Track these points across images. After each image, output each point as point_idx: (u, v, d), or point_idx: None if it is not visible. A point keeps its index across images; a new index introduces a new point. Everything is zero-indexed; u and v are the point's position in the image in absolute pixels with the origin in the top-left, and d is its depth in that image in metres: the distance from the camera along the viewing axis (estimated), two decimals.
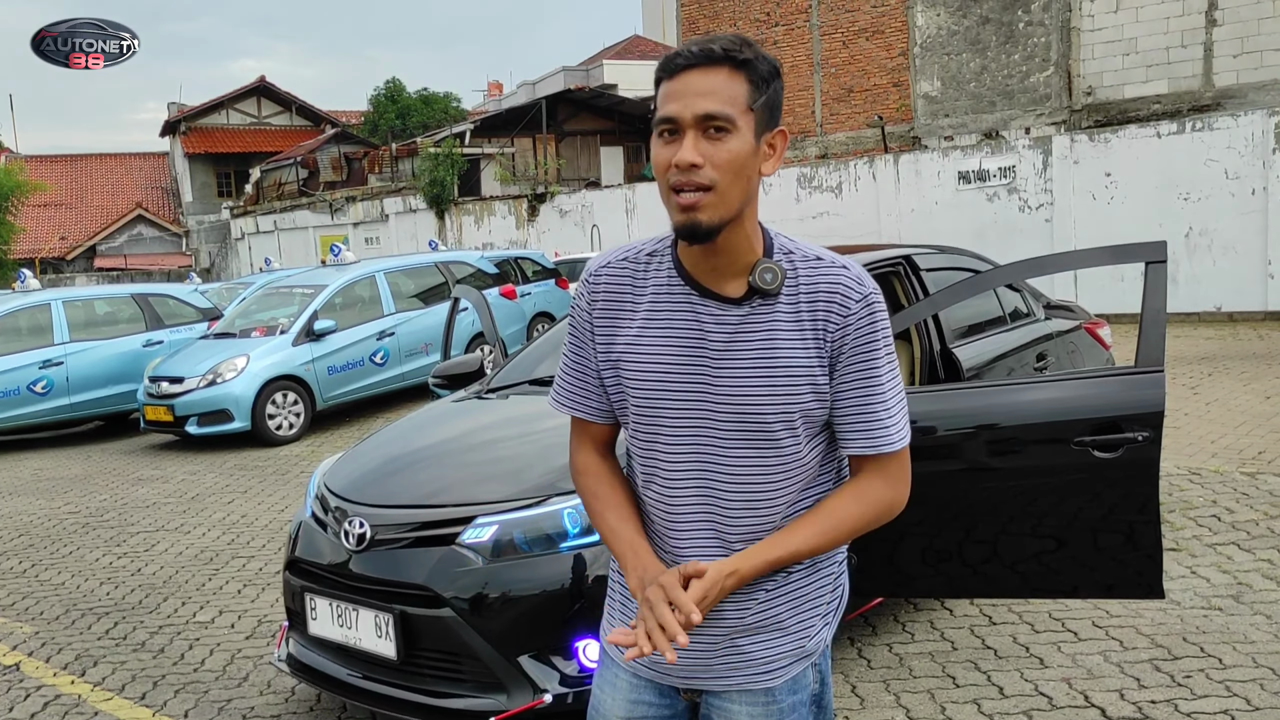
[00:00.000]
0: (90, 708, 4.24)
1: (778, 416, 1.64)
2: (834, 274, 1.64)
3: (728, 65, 1.55)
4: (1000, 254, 6.40)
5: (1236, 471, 6.35)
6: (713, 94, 1.54)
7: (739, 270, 1.64)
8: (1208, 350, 11.48)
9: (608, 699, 1.85)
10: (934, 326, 4.45)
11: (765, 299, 1.63)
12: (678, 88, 1.56)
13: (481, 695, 3.28)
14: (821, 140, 21.43)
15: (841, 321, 1.62)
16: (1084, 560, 3.21)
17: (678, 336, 1.67)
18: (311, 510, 3.87)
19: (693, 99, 1.54)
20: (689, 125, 1.55)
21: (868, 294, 1.64)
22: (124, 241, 40.38)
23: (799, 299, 1.64)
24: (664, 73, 1.59)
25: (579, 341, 1.80)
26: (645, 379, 1.69)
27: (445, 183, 26.25)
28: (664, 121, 1.57)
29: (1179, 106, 16.61)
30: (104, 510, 7.95)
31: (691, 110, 1.54)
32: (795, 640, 1.73)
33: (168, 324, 12.56)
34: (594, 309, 1.76)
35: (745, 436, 1.65)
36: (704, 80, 1.55)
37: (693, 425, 1.67)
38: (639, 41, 42.63)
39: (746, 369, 1.63)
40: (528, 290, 13.79)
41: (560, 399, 1.86)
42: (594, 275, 1.77)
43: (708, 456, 1.68)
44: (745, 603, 1.71)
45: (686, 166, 1.54)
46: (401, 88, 45.21)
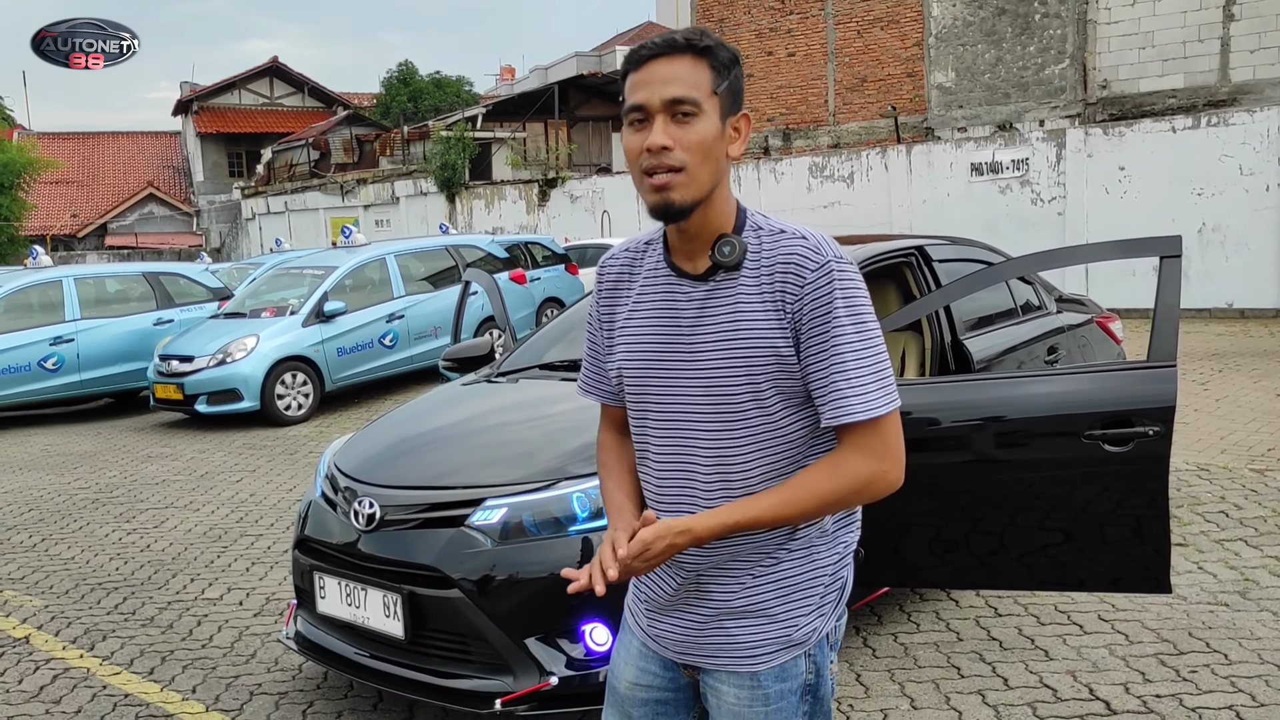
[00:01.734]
0: (99, 681, 4.27)
1: (743, 388, 1.67)
2: (791, 244, 1.67)
3: (690, 53, 1.63)
4: (1012, 247, 6.37)
5: (1245, 468, 6.34)
6: (678, 80, 1.62)
7: (709, 249, 1.71)
8: (1219, 346, 11.45)
9: (620, 663, 1.92)
10: (945, 318, 4.44)
11: (728, 273, 1.69)
12: (644, 77, 1.63)
13: (488, 676, 3.30)
14: (834, 130, 21.36)
15: (798, 291, 1.65)
16: (1091, 554, 3.21)
17: (658, 316, 1.75)
18: (321, 490, 3.89)
19: (659, 86, 1.62)
20: (657, 110, 1.62)
21: (825, 261, 1.65)
22: (135, 220, 40.46)
23: (760, 272, 1.68)
24: (630, 65, 1.66)
25: (592, 330, 1.92)
26: (632, 358, 1.78)
27: (456, 166, 26.23)
28: (634, 109, 1.64)
29: (1194, 101, 16.51)
30: (114, 486, 7.99)
31: (659, 96, 1.61)
32: (782, 628, 1.74)
33: (178, 303, 12.60)
34: (600, 296, 1.87)
35: (714, 409, 1.70)
36: (669, 68, 1.62)
37: (672, 400, 1.74)
38: (652, 28, 42.48)
39: (711, 343, 1.69)
40: (537, 275, 13.79)
41: (582, 385, 1.98)
42: (603, 267, 1.88)
43: (685, 431, 1.73)
44: (731, 585, 1.74)
45: (658, 149, 1.61)
46: (414, 71, 45.17)
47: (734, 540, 1.72)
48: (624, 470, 1.90)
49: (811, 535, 1.75)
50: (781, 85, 21.97)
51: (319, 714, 3.85)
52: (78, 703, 4.08)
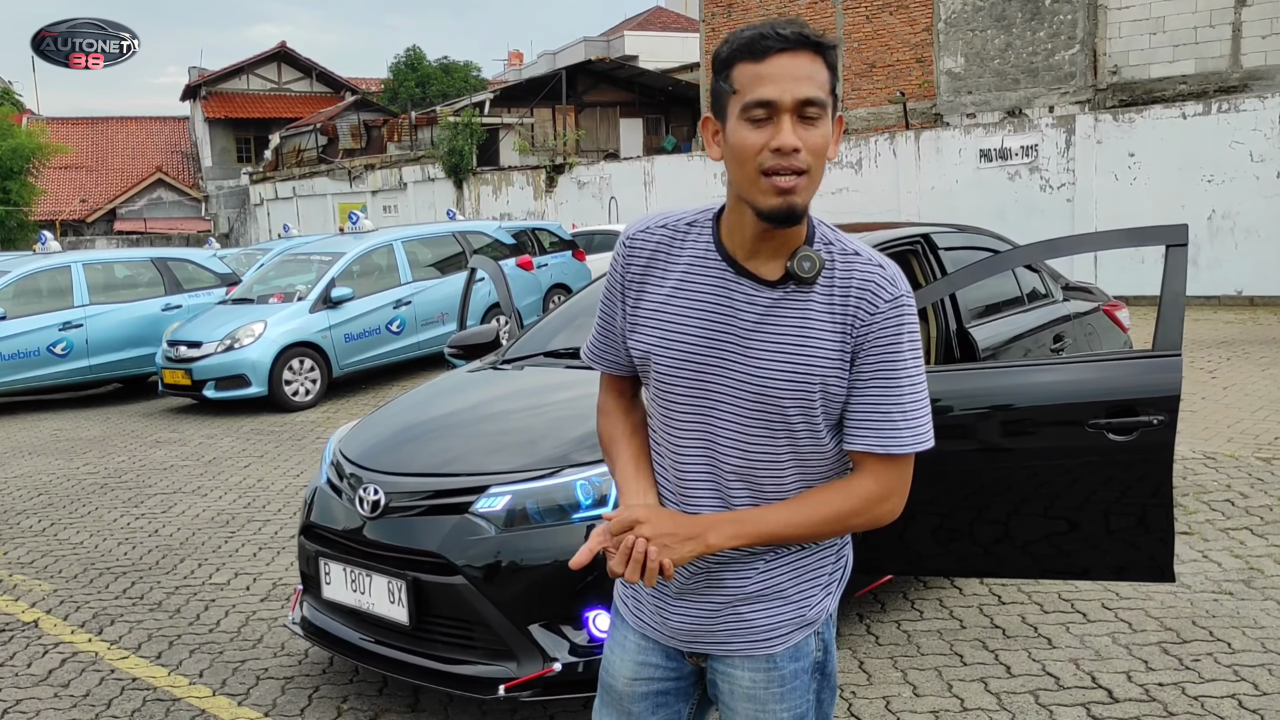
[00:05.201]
0: (107, 665, 4.31)
1: (796, 400, 1.65)
2: (869, 270, 1.66)
3: (811, 50, 1.57)
4: (1020, 234, 6.36)
5: (1252, 457, 6.33)
6: (809, 79, 1.56)
7: (782, 254, 1.66)
8: (1227, 334, 11.40)
9: (617, 660, 1.90)
10: (951, 306, 4.43)
11: (800, 286, 1.65)
12: (771, 70, 1.55)
13: (492, 663, 3.31)
14: (842, 115, 21.28)
15: (869, 319, 1.63)
16: (1095, 542, 3.21)
17: (706, 309, 1.69)
18: (327, 476, 3.90)
19: (790, 83, 1.55)
20: (788, 109, 1.55)
21: (899, 295, 1.65)
22: (144, 205, 40.53)
23: (833, 291, 1.65)
24: (748, 55, 1.57)
25: (610, 300, 1.84)
26: (667, 344, 1.72)
27: (464, 152, 26.21)
28: (760, 105, 1.56)
29: (1205, 87, 16.40)
30: (122, 471, 8.03)
31: (792, 94, 1.55)
32: (796, 608, 1.76)
33: (186, 288, 12.62)
34: (628, 270, 1.79)
35: (758, 416, 1.67)
36: (797, 64, 1.56)
37: (705, 395, 1.70)
38: (661, 13, 42.32)
39: (773, 351, 1.65)
40: (544, 261, 13.77)
41: (589, 352, 1.92)
42: (631, 238, 1.80)
43: (714, 428, 1.71)
44: (746, 571, 1.75)
45: (790, 151, 1.55)
46: (421, 56, 45.09)
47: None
48: (630, 438, 1.86)
49: None
50: None
51: (324, 699, 3.87)
52: (86, 686, 4.11)
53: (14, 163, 31.01)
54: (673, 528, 1.66)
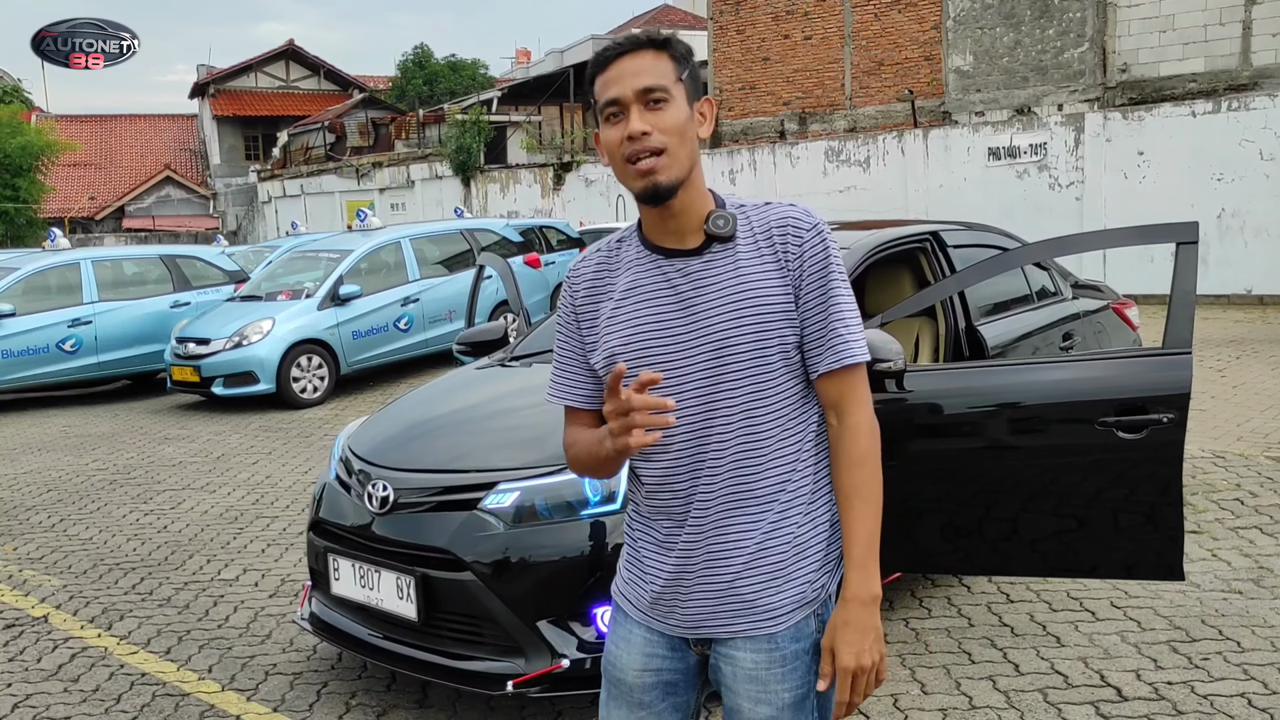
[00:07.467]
0: (116, 660, 4.32)
1: (751, 346, 1.76)
2: (783, 210, 1.83)
3: (651, 48, 1.77)
4: (1029, 232, 6.34)
5: (1262, 455, 6.31)
6: (646, 71, 1.75)
7: (696, 226, 1.81)
8: (1237, 333, 11.37)
9: (623, 654, 1.94)
10: (959, 304, 4.42)
11: (723, 243, 1.80)
12: (614, 74, 1.76)
13: (500, 658, 3.32)
14: (850, 114, 21.23)
15: (798, 250, 1.79)
16: (1104, 540, 3.20)
17: (652, 298, 1.82)
18: (335, 473, 3.91)
19: (629, 79, 1.74)
20: (631, 101, 1.74)
21: (816, 223, 1.81)
22: (152, 203, 40.62)
23: (755, 237, 1.81)
24: (598, 67, 1.78)
25: (565, 334, 1.95)
26: (630, 342, 1.82)
27: (471, 150, 26.21)
28: (609, 105, 1.76)
29: (1215, 85, 16.33)
30: (131, 468, 8.05)
31: (631, 87, 1.74)
32: (796, 588, 1.82)
33: (195, 285, 12.66)
34: (577, 301, 1.92)
35: (726, 374, 1.77)
36: (637, 62, 1.75)
37: (677, 370, 1.78)
38: (669, 11, 42.27)
39: (716, 306, 1.77)
40: (552, 259, 13.78)
41: (552, 391, 1.99)
42: (572, 270, 1.96)
43: (700, 405, 1.78)
44: (743, 542, 1.80)
45: (638, 135, 1.73)
46: (429, 54, 45.05)
47: (736, 495, 1.79)
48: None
49: (803, 488, 1.82)
50: (798, 69, 21.83)
51: (333, 694, 3.88)
52: (95, 681, 4.13)
53: (23, 160, 31.11)
54: (866, 640, 1.76)
